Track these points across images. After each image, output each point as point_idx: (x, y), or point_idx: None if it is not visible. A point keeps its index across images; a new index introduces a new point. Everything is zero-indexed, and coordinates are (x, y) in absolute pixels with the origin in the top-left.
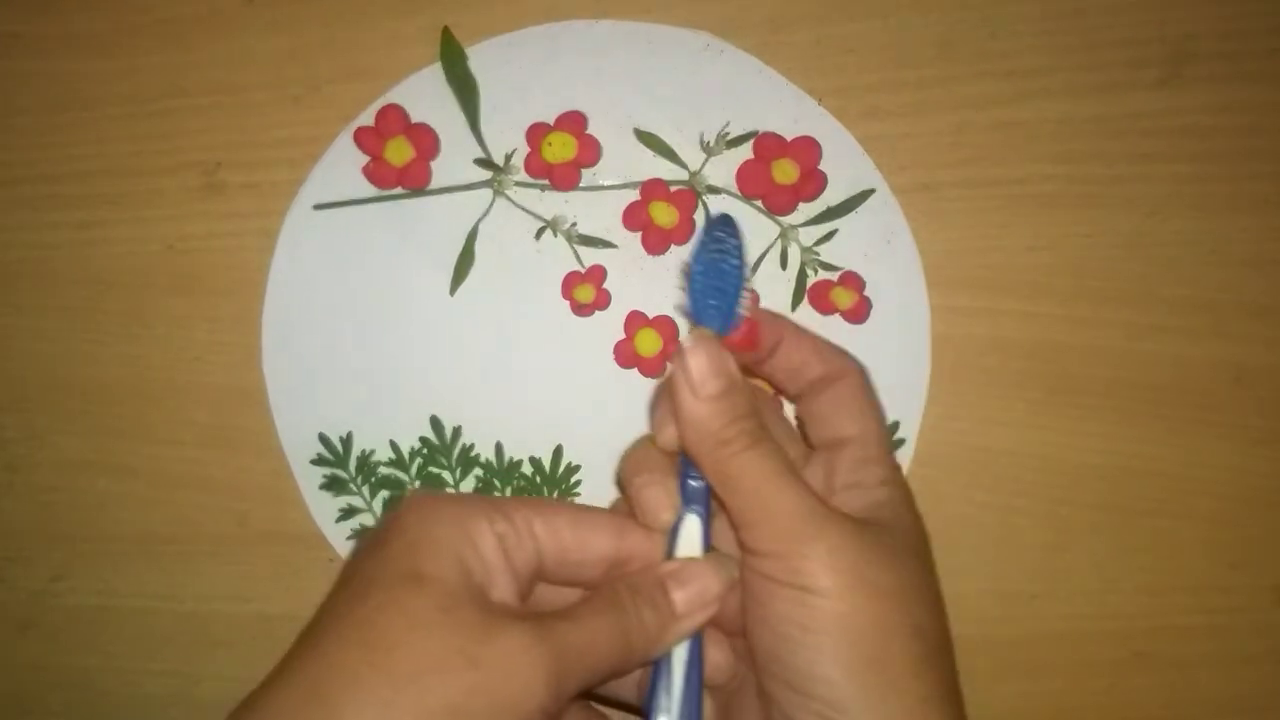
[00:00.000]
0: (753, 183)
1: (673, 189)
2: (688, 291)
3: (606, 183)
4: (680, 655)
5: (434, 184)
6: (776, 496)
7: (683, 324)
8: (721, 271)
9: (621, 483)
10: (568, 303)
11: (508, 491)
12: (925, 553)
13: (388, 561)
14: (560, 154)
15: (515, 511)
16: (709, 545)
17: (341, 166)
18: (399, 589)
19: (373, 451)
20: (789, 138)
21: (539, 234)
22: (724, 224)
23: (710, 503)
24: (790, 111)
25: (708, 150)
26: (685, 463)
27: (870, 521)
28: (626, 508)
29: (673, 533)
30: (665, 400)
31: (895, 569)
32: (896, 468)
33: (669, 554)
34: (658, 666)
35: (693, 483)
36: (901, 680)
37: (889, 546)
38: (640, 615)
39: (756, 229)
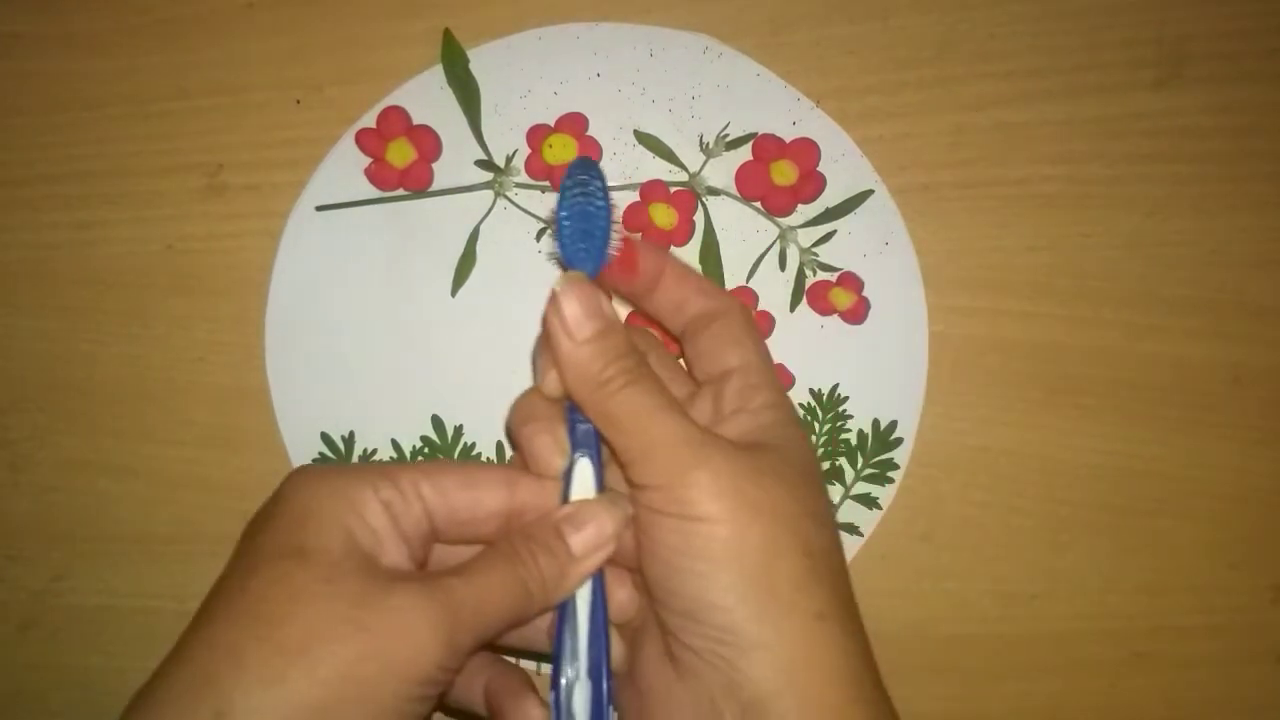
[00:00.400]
0: (752, 184)
1: (672, 190)
2: (556, 238)
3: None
4: (584, 597)
5: (435, 185)
6: (657, 429)
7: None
8: (588, 214)
9: (511, 434)
10: None
11: None
12: (812, 472)
13: (271, 538)
14: (561, 155)
15: (401, 476)
16: (602, 487)
17: (343, 168)
18: (283, 564)
19: (374, 451)
20: (788, 139)
21: (539, 235)
22: (585, 167)
23: (600, 445)
24: (789, 113)
25: (707, 152)
26: (572, 408)
27: (756, 445)
28: (521, 461)
29: (566, 478)
30: (546, 347)
31: (780, 489)
32: (780, 392)
33: (564, 500)
34: (562, 611)
35: (581, 426)
36: (791, 599)
37: (774, 467)
38: (537, 562)
39: (756, 230)
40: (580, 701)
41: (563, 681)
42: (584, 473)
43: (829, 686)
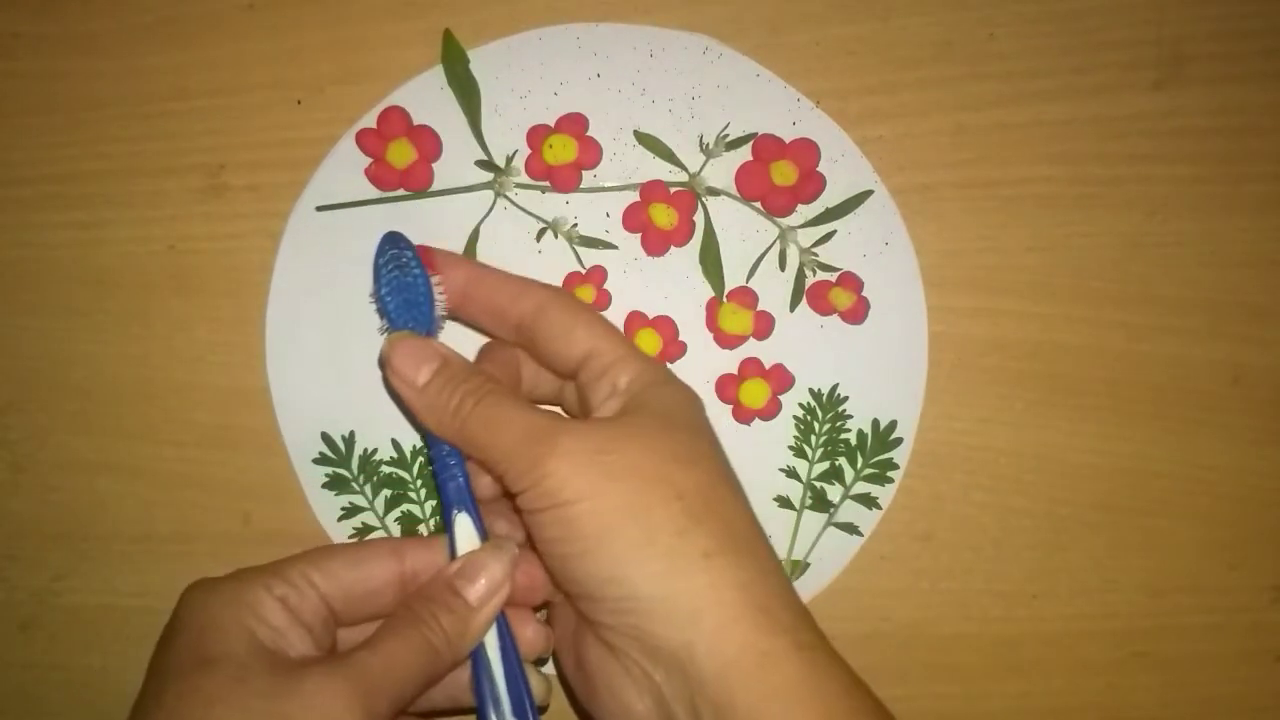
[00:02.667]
0: (752, 184)
1: (672, 190)
2: (383, 315)
3: (607, 184)
4: (492, 643)
5: (436, 186)
6: (506, 433)
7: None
8: (406, 284)
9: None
10: None
11: None
12: (678, 418)
13: (177, 654)
14: (561, 156)
15: (290, 570)
16: (485, 535)
17: (344, 168)
18: (192, 676)
19: (375, 450)
20: (788, 139)
21: (540, 235)
22: (392, 242)
23: (474, 497)
24: (789, 113)
25: (707, 152)
26: (440, 467)
27: (619, 414)
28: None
29: (450, 537)
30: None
31: (635, 446)
32: (638, 358)
33: (451, 556)
34: (476, 660)
35: (451, 484)
36: (670, 545)
37: (629, 428)
38: (439, 620)
39: (755, 230)
40: None
41: None
42: (465, 527)
43: (735, 624)
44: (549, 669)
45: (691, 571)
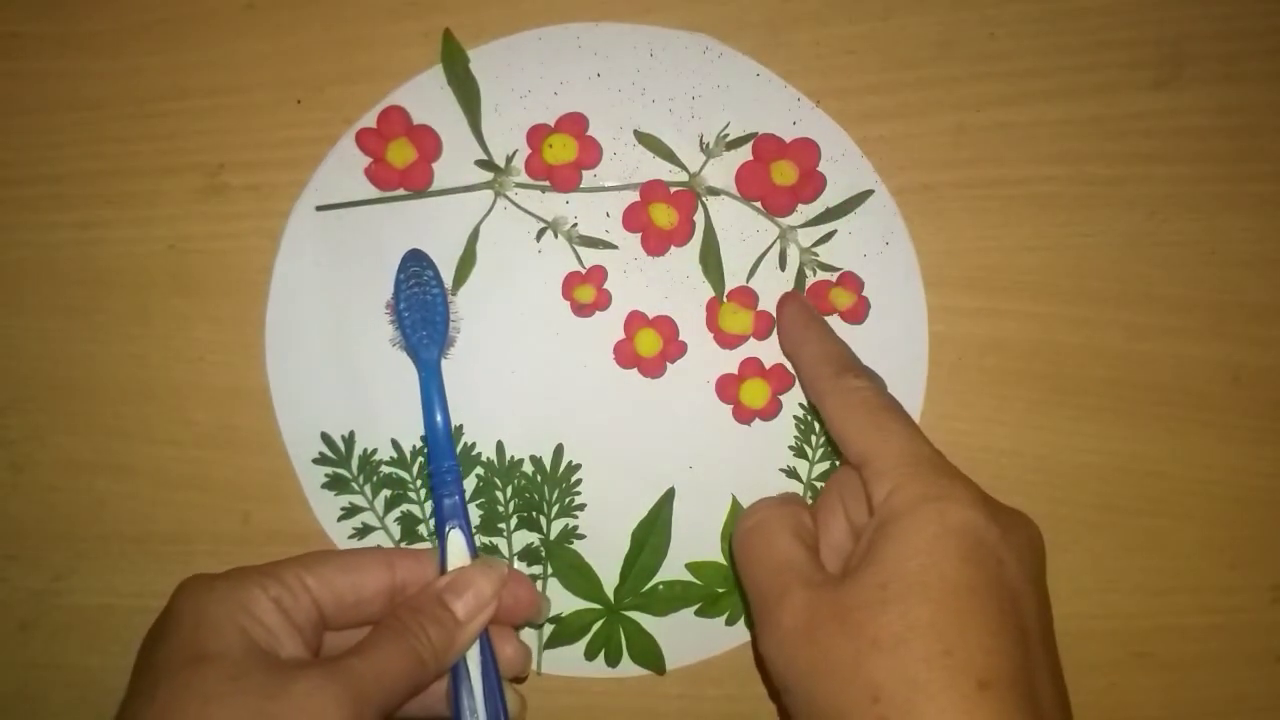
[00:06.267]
0: (752, 184)
1: (673, 190)
2: (398, 329)
3: (607, 184)
4: (474, 658)
5: (435, 185)
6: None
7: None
8: (425, 303)
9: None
10: (568, 303)
11: (509, 490)
12: (919, 574)
13: (172, 651)
14: (561, 155)
15: (285, 572)
16: (476, 552)
17: (344, 168)
18: (187, 672)
19: (375, 450)
20: (788, 139)
21: (540, 235)
22: (415, 260)
23: (468, 513)
24: (789, 113)
25: (707, 152)
26: (438, 483)
27: (849, 570)
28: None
29: (441, 551)
30: None
31: (841, 628)
32: (910, 466)
33: (441, 570)
34: (456, 674)
35: (447, 500)
36: None
37: (845, 601)
38: (426, 632)
39: (756, 230)
40: None
41: None
42: (457, 542)
43: None
44: (524, 687)
45: None
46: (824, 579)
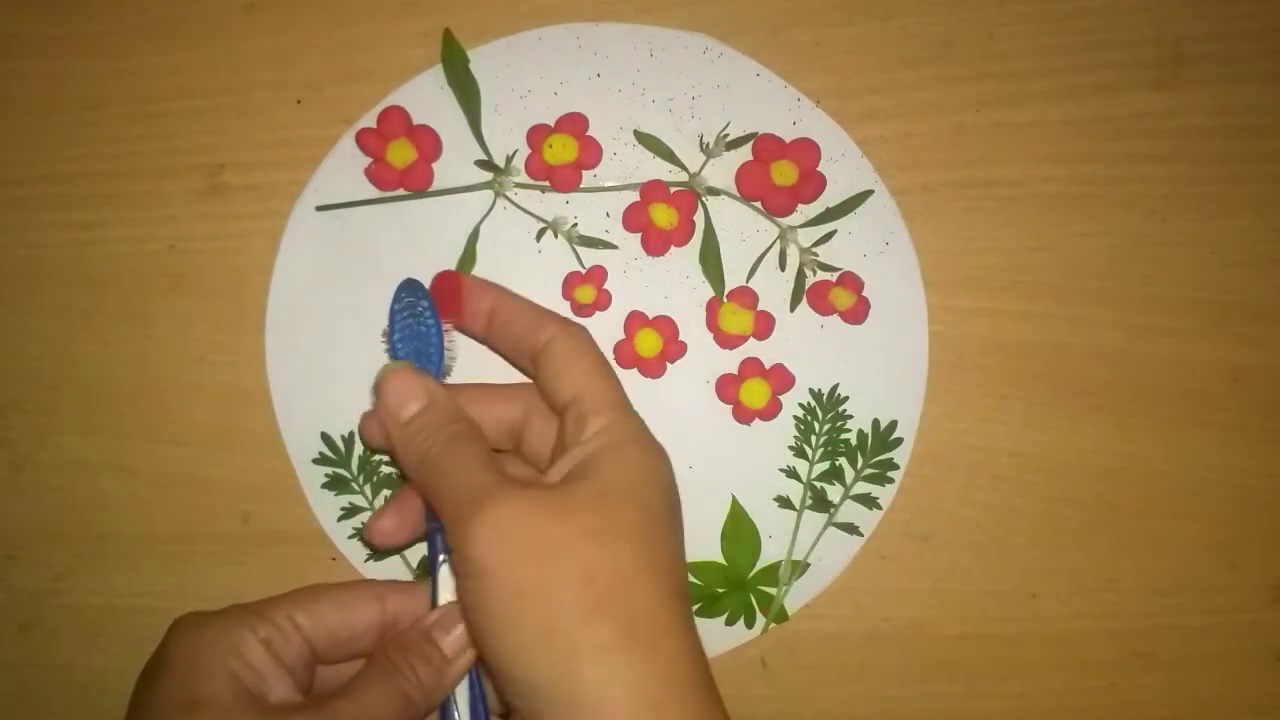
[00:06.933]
0: (752, 184)
1: (672, 190)
2: (393, 359)
3: (607, 184)
4: (463, 694)
5: (435, 185)
6: (450, 484)
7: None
8: (419, 334)
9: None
10: (568, 303)
11: None
12: (631, 487)
13: (162, 692)
14: (561, 155)
15: (276, 612)
16: None
17: (343, 168)
18: (179, 718)
19: (374, 450)
20: (788, 139)
21: (539, 235)
22: (409, 290)
23: None
24: (789, 113)
25: (707, 152)
26: (430, 515)
27: (565, 480)
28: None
29: (433, 584)
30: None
31: (561, 519)
32: (615, 410)
33: (433, 603)
34: (444, 711)
35: (439, 534)
36: (572, 636)
37: (561, 497)
38: (415, 670)
39: (755, 230)
40: None
41: None
42: (448, 576)
43: None
44: None
45: (587, 665)
46: (535, 481)
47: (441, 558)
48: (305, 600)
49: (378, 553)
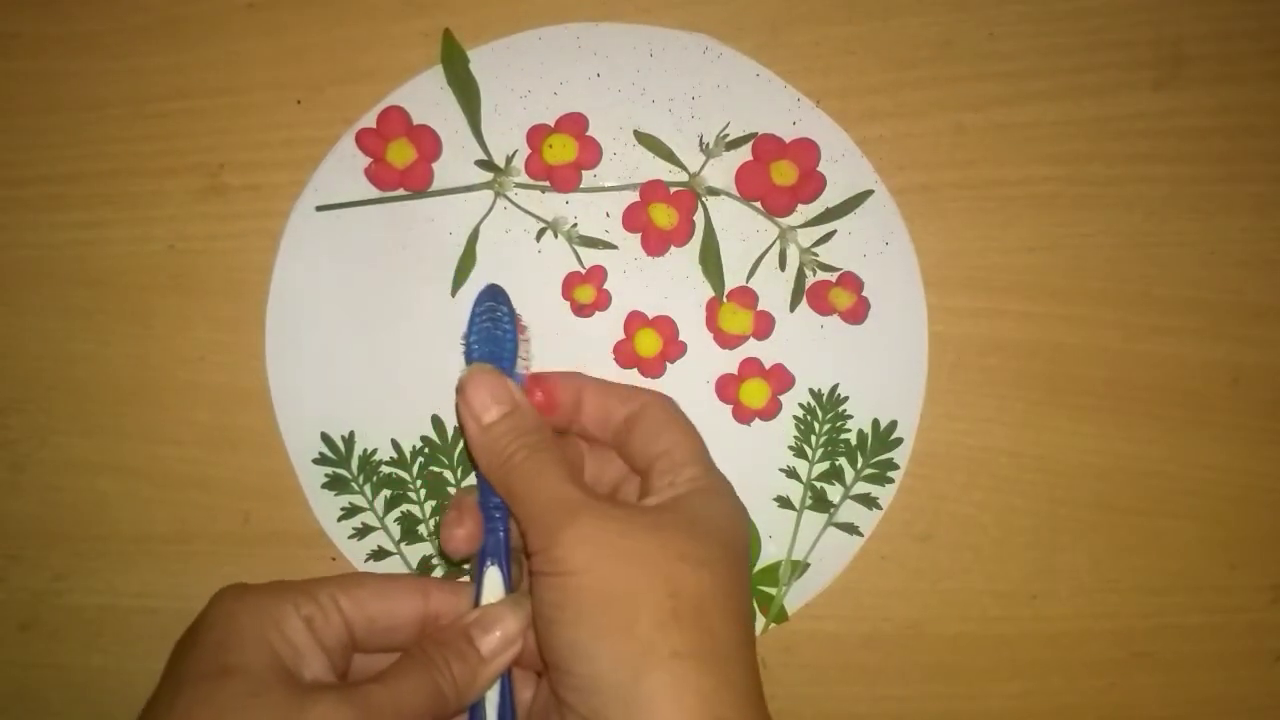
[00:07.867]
0: (752, 184)
1: (672, 190)
2: (468, 361)
3: (607, 184)
4: (492, 699)
5: (435, 185)
6: (539, 495)
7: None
8: (495, 338)
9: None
10: (568, 303)
11: None
12: (717, 529)
13: (198, 658)
14: (561, 155)
15: (320, 591)
16: (511, 589)
17: (343, 168)
18: (208, 684)
19: (375, 451)
20: (788, 139)
21: (539, 235)
22: (492, 295)
23: (510, 550)
24: (789, 113)
25: (707, 152)
26: (486, 518)
27: (657, 507)
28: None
29: (477, 586)
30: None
31: (651, 538)
32: (707, 467)
33: (476, 602)
34: (473, 712)
35: (490, 537)
36: (648, 639)
37: (655, 519)
38: (450, 667)
39: (755, 230)
40: None
41: None
42: (493, 579)
43: None
44: None
45: (657, 667)
46: (626, 501)
47: (489, 563)
48: (350, 584)
49: (450, 562)
